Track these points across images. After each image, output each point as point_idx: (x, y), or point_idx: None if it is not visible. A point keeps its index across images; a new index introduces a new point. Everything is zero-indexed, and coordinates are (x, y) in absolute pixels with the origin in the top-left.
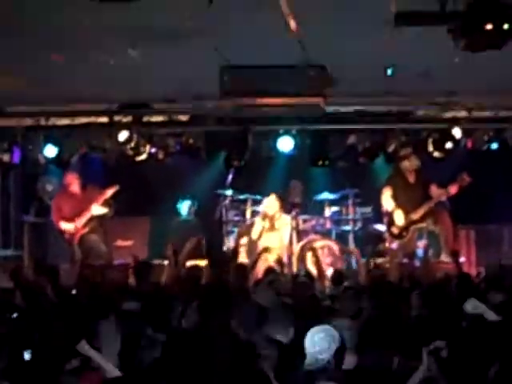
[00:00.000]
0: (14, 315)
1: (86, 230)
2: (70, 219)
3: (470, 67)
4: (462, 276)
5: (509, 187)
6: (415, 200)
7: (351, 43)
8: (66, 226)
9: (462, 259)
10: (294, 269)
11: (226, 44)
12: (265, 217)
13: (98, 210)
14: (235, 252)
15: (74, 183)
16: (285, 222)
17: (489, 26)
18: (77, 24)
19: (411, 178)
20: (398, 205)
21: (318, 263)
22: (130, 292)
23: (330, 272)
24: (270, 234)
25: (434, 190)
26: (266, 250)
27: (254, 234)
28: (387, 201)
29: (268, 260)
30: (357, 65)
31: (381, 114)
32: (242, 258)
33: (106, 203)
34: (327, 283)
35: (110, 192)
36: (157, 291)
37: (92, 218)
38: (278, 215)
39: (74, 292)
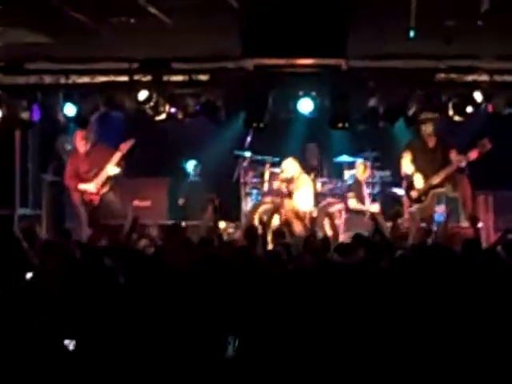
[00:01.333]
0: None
1: (106, 189)
2: (88, 180)
3: (491, 31)
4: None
5: None
6: (435, 165)
7: None
8: (85, 186)
9: (480, 225)
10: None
11: None
12: (284, 181)
13: (112, 169)
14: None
15: (80, 143)
16: (306, 181)
17: None
18: None
19: (431, 143)
20: (418, 169)
21: (333, 227)
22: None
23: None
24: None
25: (454, 155)
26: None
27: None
28: (406, 165)
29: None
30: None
31: (402, 76)
32: None
33: (117, 163)
34: None
35: (125, 148)
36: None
37: (109, 178)
38: (298, 175)
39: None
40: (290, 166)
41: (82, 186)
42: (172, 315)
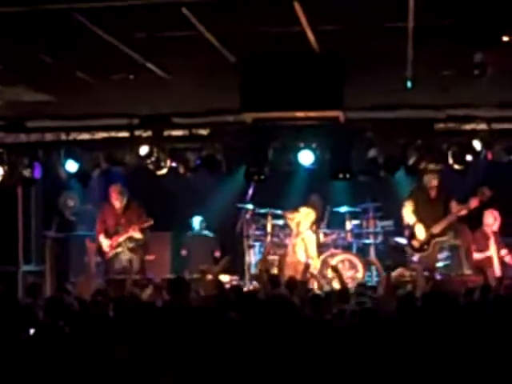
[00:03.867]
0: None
1: (120, 249)
2: (110, 235)
3: (488, 79)
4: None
5: None
6: (436, 215)
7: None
8: (104, 240)
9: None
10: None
11: None
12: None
13: (135, 234)
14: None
15: (114, 197)
16: (310, 234)
17: (505, 38)
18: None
19: (433, 193)
20: (419, 219)
21: (340, 279)
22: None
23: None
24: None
25: (454, 205)
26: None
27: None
28: (408, 215)
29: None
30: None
31: (401, 127)
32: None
33: (142, 230)
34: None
35: (146, 224)
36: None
37: (130, 239)
38: (304, 228)
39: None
40: (302, 215)
41: (101, 239)
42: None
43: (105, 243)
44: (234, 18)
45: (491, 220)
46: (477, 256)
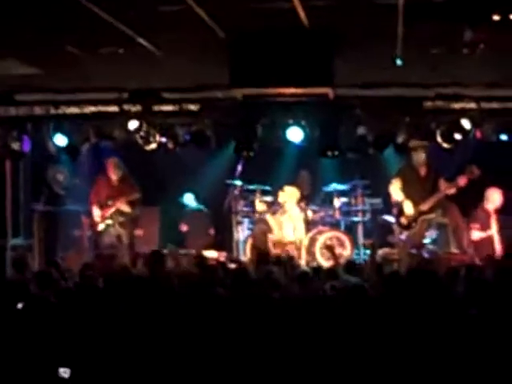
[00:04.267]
0: (19, 306)
1: (110, 221)
2: (102, 206)
3: (478, 58)
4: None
5: None
6: (424, 192)
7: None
8: (95, 211)
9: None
10: (302, 261)
11: None
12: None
13: (123, 207)
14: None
15: (111, 169)
16: (297, 212)
17: (496, 17)
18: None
19: (422, 171)
20: (407, 196)
21: (335, 258)
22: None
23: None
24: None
25: (443, 183)
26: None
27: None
28: (396, 192)
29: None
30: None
31: (390, 105)
32: None
33: (131, 203)
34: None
35: (132, 197)
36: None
37: (119, 212)
38: (291, 206)
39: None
40: (293, 194)
41: (93, 210)
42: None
43: (96, 213)
44: None
45: (497, 197)
46: (477, 235)
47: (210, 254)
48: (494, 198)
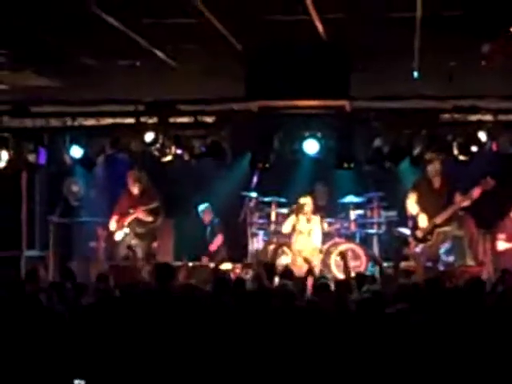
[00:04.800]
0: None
1: (127, 230)
2: (122, 215)
3: (495, 71)
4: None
5: None
6: (439, 205)
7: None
8: (114, 221)
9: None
10: (317, 272)
11: None
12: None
13: (142, 215)
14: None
15: (131, 182)
16: (316, 222)
17: None
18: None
19: (436, 184)
20: (422, 209)
21: (346, 269)
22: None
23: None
24: (302, 234)
25: (458, 196)
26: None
27: (286, 229)
28: (412, 205)
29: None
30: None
31: (406, 117)
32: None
33: (151, 212)
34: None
35: (151, 206)
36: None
37: (137, 221)
38: (310, 216)
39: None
40: (309, 204)
41: (112, 220)
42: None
43: (114, 223)
44: (242, 5)
45: None
46: (503, 245)
47: (225, 266)
48: None
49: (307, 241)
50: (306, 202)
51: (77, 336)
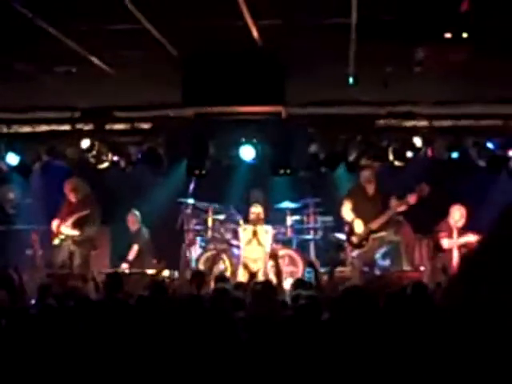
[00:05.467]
0: None
1: (63, 236)
2: (59, 223)
3: (429, 77)
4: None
5: (468, 197)
6: (375, 211)
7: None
8: (53, 223)
9: (422, 268)
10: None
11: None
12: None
13: (67, 230)
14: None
15: (67, 191)
16: (266, 230)
17: (448, 35)
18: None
19: (370, 190)
20: (358, 215)
21: (278, 272)
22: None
23: (289, 281)
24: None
25: (394, 201)
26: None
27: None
28: (347, 212)
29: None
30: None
31: (342, 123)
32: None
33: (78, 224)
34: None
35: (77, 216)
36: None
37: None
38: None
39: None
40: (259, 213)
41: (53, 223)
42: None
43: (53, 228)
44: (178, 11)
45: (458, 215)
46: (447, 243)
47: (164, 273)
48: (455, 216)
49: (257, 249)
50: (258, 211)
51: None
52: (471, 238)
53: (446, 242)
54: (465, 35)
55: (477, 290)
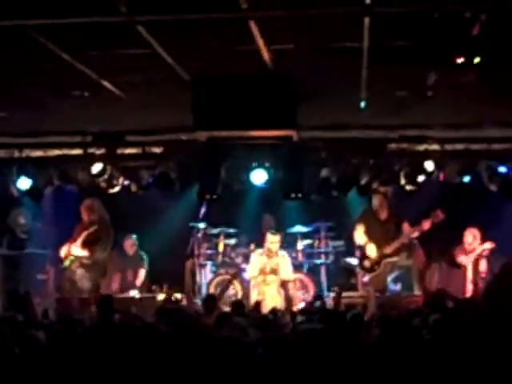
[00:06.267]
0: None
1: (72, 257)
2: (70, 244)
3: (441, 101)
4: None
5: (481, 221)
6: (387, 235)
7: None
8: (62, 250)
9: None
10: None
11: None
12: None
13: (76, 251)
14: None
15: (82, 211)
16: (283, 255)
17: (460, 60)
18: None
19: (383, 215)
20: (371, 239)
21: (287, 297)
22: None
23: (301, 305)
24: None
25: (406, 227)
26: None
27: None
28: (359, 236)
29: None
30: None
31: (353, 147)
32: None
33: (87, 244)
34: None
35: (86, 233)
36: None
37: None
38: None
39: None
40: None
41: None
42: None
43: (63, 250)
44: (189, 35)
45: (470, 239)
46: (463, 258)
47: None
48: (468, 240)
49: (271, 277)
50: (276, 239)
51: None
52: (487, 245)
53: (463, 258)
54: (477, 60)
55: None
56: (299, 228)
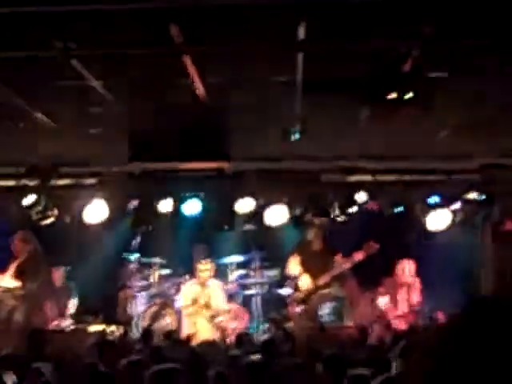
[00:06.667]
0: None
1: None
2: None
3: (374, 131)
4: None
5: (413, 251)
6: (321, 267)
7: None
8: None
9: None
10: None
11: None
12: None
13: (7, 282)
14: None
15: (16, 242)
16: (215, 285)
17: (393, 95)
18: None
19: (317, 246)
20: (305, 270)
21: (221, 328)
22: None
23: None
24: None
25: (339, 258)
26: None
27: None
28: (294, 267)
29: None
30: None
31: (286, 177)
32: None
33: (18, 275)
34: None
35: (17, 263)
36: None
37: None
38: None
39: None
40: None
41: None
42: None
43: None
44: (124, 68)
45: (401, 271)
46: (382, 301)
47: (111, 328)
48: (398, 272)
49: (206, 312)
50: (208, 267)
51: None
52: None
53: (380, 300)
54: (409, 95)
55: None
56: (233, 258)
